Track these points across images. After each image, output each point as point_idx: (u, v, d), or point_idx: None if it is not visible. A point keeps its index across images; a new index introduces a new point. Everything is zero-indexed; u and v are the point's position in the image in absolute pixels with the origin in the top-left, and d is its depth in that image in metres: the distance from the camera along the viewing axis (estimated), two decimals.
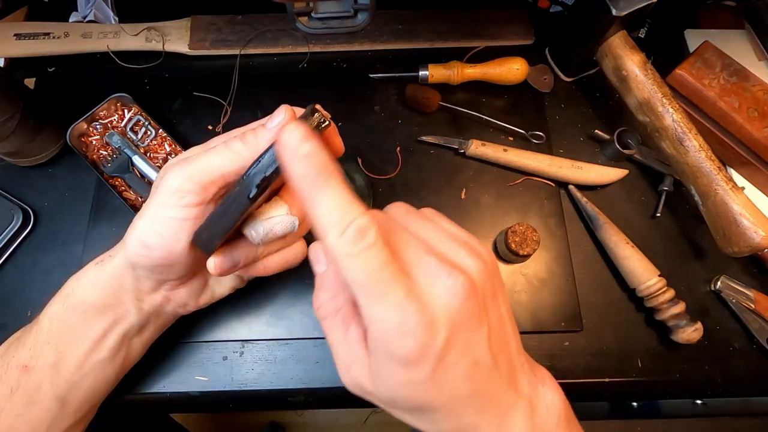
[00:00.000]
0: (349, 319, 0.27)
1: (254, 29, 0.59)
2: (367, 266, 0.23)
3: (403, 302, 0.23)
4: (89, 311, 0.35)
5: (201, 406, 0.46)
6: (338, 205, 0.23)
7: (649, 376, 0.47)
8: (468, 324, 0.24)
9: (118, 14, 0.61)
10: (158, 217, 0.31)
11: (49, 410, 0.34)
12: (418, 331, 0.23)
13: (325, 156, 0.24)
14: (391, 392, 0.25)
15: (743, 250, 0.45)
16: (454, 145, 0.54)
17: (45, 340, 0.34)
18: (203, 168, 0.31)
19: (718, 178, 0.46)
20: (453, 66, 0.56)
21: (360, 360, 0.26)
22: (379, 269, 0.23)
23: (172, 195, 0.31)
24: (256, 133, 0.31)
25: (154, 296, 0.36)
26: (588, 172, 0.52)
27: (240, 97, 0.57)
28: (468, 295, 0.24)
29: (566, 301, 0.49)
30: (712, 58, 0.52)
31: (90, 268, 0.36)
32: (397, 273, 0.23)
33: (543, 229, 0.51)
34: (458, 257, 0.25)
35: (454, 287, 0.24)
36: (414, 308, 0.23)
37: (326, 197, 0.23)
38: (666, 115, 0.48)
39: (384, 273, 0.23)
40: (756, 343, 0.48)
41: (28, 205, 0.51)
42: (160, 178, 0.32)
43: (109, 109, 0.52)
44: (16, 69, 0.58)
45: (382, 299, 0.23)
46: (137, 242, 0.32)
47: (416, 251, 0.25)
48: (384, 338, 0.24)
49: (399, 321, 0.23)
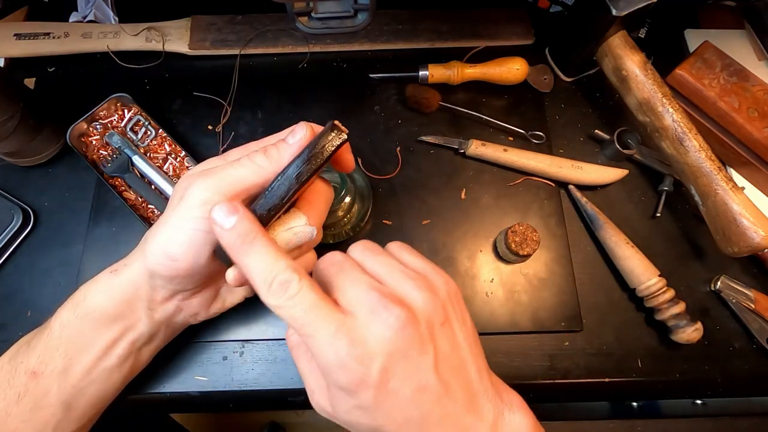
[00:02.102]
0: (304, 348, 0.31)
1: (254, 29, 0.59)
2: (294, 312, 0.26)
3: (333, 339, 0.26)
4: (101, 319, 0.35)
5: (201, 406, 0.46)
6: (262, 265, 0.27)
7: (649, 376, 0.47)
8: (407, 353, 0.26)
9: (118, 14, 0.61)
10: (183, 228, 0.32)
11: (54, 415, 0.34)
12: (351, 363, 0.25)
13: (249, 224, 0.28)
14: (346, 416, 0.28)
15: (743, 250, 0.45)
16: (454, 145, 0.54)
17: (55, 346, 0.35)
18: (230, 180, 0.31)
19: (718, 178, 0.46)
20: (453, 66, 0.56)
21: (320, 387, 0.30)
22: (306, 313, 0.26)
23: (199, 207, 0.31)
24: (278, 148, 0.32)
25: (167, 306, 0.37)
26: (588, 172, 0.52)
27: (240, 97, 0.57)
28: (403, 326, 0.26)
29: (566, 301, 0.49)
30: (712, 58, 0.52)
31: (104, 275, 0.36)
32: (325, 313, 0.26)
33: (543, 229, 0.51)
34: (403, 289, 0.28)
35: (388, 320, 0.26)
36: (344, 343, 0.26)
37: (252, 260, 0.28)
38: (666, 115, 0.48)
39: (312, 315, 0.26)
40: (756, 343, 0.48)
41: (28, 205, 0.51)
42: (184, 189, 0.32)
43: (109, 109, 0.52)
44: (16, 69, 0.58)
45: (314, 337, 0.26)
46: (161, 253, 0.32)
47: (359, 289, 0.27)
48: (325, 370, 0.27)
49: (333, 355, 0.26)
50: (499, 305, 0.49)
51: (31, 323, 0.47)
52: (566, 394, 0.48)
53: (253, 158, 0.32)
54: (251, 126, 0.56)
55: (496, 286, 0.49)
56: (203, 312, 0.39)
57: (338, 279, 0.29)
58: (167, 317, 0.37)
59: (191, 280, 0.35)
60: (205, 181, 0.31)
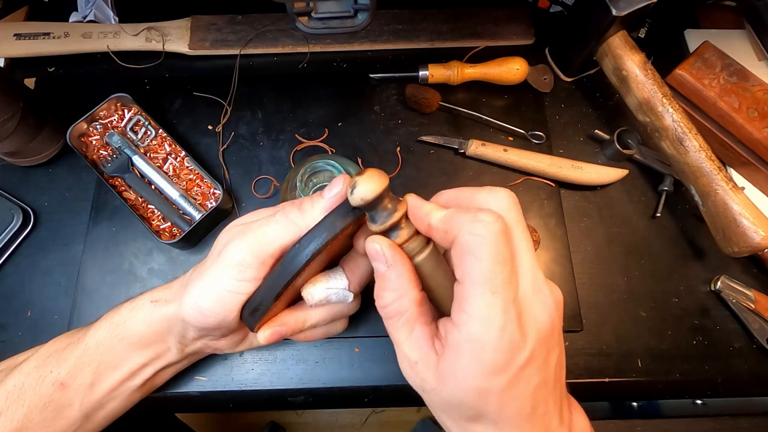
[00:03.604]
0: (413, 320, 0.28)
1: (254, 29, 0.59)
2: (495, 253, 0.24)
3: (509, 307, 0.24)
4: (135, 344, 0.36)
5: (201, 406, 0.46)
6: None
7: (649, 376, 0.47)
8: (548, 344, 0.26)
9: (118, 14, 0.61)
10: (217, 287, 0.32)
11: (73, 426, 0.35)
12: (513, 339, 0.24)
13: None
14: (458, 395, 0.26)
15: (743, 250, 0.45)
16: (454, 145, 0.54)
17: (87, 363, 0.35)
18: (264, 241, 0.31)
19: (718, 178, 0.46)
20: (453, 66, 0.56)
21: (426, 359, 0.27)
22: (503, 264, 0.24)
23: (234, 267, 0.31)
24: (313, 203, 0.31)
25: (196, 343, 0.38)
26: (588, 172, 0.52)
27: (240, 97, 0.57)
28: (555, 317, 0.26)
29: (566, 301, 0.49)
30: (712, 58, 0.52)
31: (146, 304, 0.36)
32: (513, 275, 0.25)
33: (543, 229, 0.51)
34: (546, 284, 0.27)
35: (550, 307, 0.25)
36: (515, 315, 0.24)
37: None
38: (666, 115, 0.48)
39: (504, 271, 0.24)
40: (756, 343, 0.48)
41: (28, 205, 0.51)
42: (223, 245, 0.33)
43: (109, 109, 0.52)
44: (16, 69, 0.58)
45: (492, 298, 0.24)
46: (194, 306, 0.33)
47: (530, 260, 0.26)
48: (477, 340, 0.24)
49: (500, 325, 0.24)
50: None
51: (31, 323, 0.47)
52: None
53: (287, 214, 0.32)
54: (251, 126, 0.56)
55: None
56: (229, 350, 0.40)
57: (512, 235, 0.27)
58: (194, 351, 0.39)
59: (220, 331, 0.35)
60: (241, 242, 0.32)
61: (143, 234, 0.50)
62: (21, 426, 0.33)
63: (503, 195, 0.27)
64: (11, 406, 0.34)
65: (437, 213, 0.27)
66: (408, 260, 0.28)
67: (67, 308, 0.48)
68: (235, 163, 0.54)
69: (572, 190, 0.54)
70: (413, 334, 0.28)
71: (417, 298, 0.28)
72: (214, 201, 0.51)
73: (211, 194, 0.51)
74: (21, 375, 0.35)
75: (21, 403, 0.34)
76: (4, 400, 0.34)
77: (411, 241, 0.28)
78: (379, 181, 0.27)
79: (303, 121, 0.56)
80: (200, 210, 0.50)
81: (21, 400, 0.34)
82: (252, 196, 0.53)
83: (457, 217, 0.26)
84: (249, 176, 0.53)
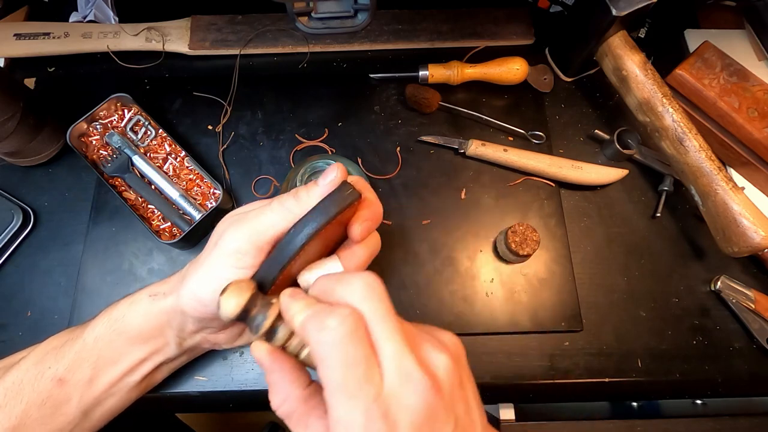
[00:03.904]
0: (305, 416, 0.28)
1: (254, 29, 0.59)
2: (343, 359, 0.23)
3: (371, 407, 0.23)
4: (134, 338, 0.36)
5: (201, 406, 0.46)
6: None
7: (649, 376, 0.47)
8: (432, 425, 0.24)
9: (118, 14, 0.61)
10: (215, 275, 0.32)
11: (71, 422, 0.35)
12: None
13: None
14: None
15: (743, 250, 0.45)
16: (454, 145, 0.54)
17: (85, 358, 0.35)
18: (260, 228, 0.31)
19: (718, 178, 0.46)
20: (453, 66, 0.56)
21: None
22: (355, 366, 0.23)
23: (231, 255, 0.31)
24: (308, 190, 0.32)
25: (195, 336, 0.38)
26: (588, 172, 0.52)
27: (240, 97, 0.57)
28: (432, 397, 0.24)
29: (566, 301, 0.49)
30: (712, 58, 0.52)
31: (144, 298, 0.36)
32: (371, 372, 0.24)
33: (543, 229, 0.51)
34: (429, 354, 0.26)
35: (422, 392, 0.24)
36: (379, 414, 0.23)
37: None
38: (666, 115, 0.48)
39: (357, 373, 0.23)
40: (756, 343, 0.48)
41: (28, 205, 0.51)
42: (219, 234, 0.33)
43: (109, 109, 0.52)
44: (16, 69, 0.58)
45: (350, 403, 0.23)
46: (192, 296, 0.33)
47: (393, 348, 0.25)
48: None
49: (363, 428, 0.23)
50: (499, 305, 0.49)
51: (31, 323, 0.47)
52: (566, 394, 0.48)
53: (283, 202, 0.32)
54: (251, 126, 0.56)
55: (496, 286, 0.49)
56: (228, 345, 0.40)
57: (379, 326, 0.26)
58: (193, 345, 0.39)
59: (218, 321, 0.35)
60: (237, 230, 0.32)
61: (143, 234, 0.50)
62: (19, 423, 0.33)
63: (357, 285, 0.26)
64: (9, 403, 0.33)
65: (299, 316, 0.26)
66: (287, 360, 0.28)
67: (67, 308, 0.48)
68: (235, 163, 0.54)
69: (572, 190, 0.54)
70: (309, 430, 0.28)
71: (301, 396, 0.28)
72: (214, 201, 0.51)
73: (211, 194, 0.51)
74: (19, 372, 0.35)
75: (19, 400, 0.34)
76: (2, 397, 0.34)
77: (293, 338, 0.28)
78: (238, 296, 0.26)
79: (303, 121, 0.56)
80: (200, 210, 0.50)
81: (19, 397, 0.34)
82: (252, 196, 0.53)
83: (308, 326, 0.25)
84: (249, 176, 0.53)
